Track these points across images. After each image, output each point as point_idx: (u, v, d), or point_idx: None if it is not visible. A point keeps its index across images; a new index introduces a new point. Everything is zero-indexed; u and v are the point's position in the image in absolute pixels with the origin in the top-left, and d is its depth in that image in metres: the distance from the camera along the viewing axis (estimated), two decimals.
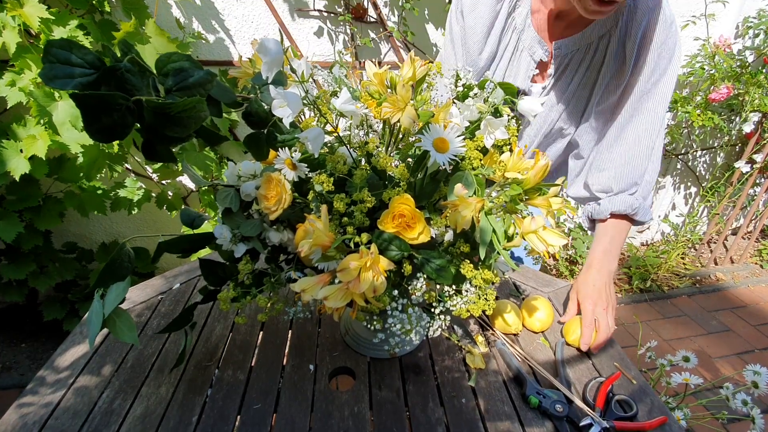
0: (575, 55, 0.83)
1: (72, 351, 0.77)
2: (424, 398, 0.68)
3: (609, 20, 0.77)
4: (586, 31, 0.79)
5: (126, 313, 0.58)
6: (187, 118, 0.41)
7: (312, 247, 0.46)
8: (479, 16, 0.84)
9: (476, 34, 0.85)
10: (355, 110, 0.49)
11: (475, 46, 0.87)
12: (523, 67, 0.87)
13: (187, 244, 0.65)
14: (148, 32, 1.17)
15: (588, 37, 0.80)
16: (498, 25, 0.85)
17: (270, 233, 0.61)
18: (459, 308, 0.54)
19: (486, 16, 0.84)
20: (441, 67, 0.58)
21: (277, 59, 0.40)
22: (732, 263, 2.54)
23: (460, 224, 0.47)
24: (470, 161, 0.51)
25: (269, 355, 0.76)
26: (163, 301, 0.91)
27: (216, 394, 0.69)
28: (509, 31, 0.85)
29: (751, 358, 1.83)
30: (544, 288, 0.96)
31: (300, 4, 1.64)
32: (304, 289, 0.46)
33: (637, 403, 0.68)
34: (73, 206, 1.35)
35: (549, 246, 0.46)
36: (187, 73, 0.42)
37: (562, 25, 0.82)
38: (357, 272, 0.44)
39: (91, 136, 0.39)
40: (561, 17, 0.81)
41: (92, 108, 0.38)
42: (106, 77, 0.41)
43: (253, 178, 0.60)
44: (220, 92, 0.47)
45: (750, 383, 0.96)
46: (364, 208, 0.48)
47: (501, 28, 0.85)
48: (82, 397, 0.68)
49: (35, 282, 1.55)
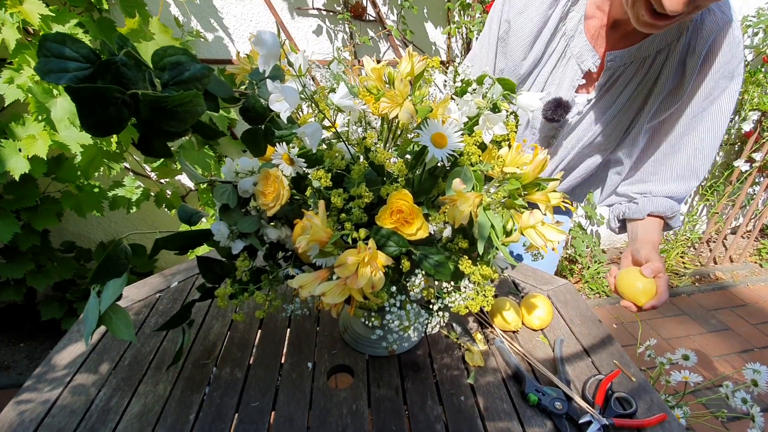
0: (628, 68, 0.78)
1: (69, 349, 0.77)
2: (422, 396, 0.68)
3: (670, 34, 0.72)
4: (644, 43, 0.74)
5: (123, 310, 0.57)
6: (184, 113, 0.41)
7: (309, 243, 0.45)
8: (529, 19, 0.78)
9: (522, 37, 0.80)
10: (352, 105, 0.49)
11: (519, 50, 0.81)
12: (569, 75, 0.82)
13: (184, 241, 0.64)
14: (151, 29, 1.16)
15: (645, 50, 0.75)
16: (547, 31, 0.79)
17: (268, 230, 0.61)
18: (458, 305, 0.54)
19: (536, 20, 0.78)
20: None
21: (274, 52, 0.39)
22: (731, 262, 2.54)
23: (458, 219, 0.47)
24: (468, 157, 0.51)
25: (267, 353, 0.76)
26: (161, 299, 0.90)
27: (214, 391, 0.68)
28: (558, 36, 0.80)
29: (751, 356, 1.83)
30: (543, 286, 0.96)
31: (299, 3, 1.64)
32: (302, 285, 0.46)
33: (637, 400, 0.68)
34: (71, 207, 1.34)
35: (548, 241, 0.46)
36: (184, 67, 0.41)
37: (617, 35, 0.76)
38: (355, 268, 0.44)
39: (87, 129, 0.39)
40: (617, 27, 0.75)
41: (87, 101, 0.38)
42: (102, 71, 0.40)
43: (250, 174, 0.60)
44: (217, 87, 0.47)
45: (750, 382, 0.96)
46: (362, 203, 0.48)
47: (550, 34, 0.79)
48: (79, 395, 0.68)
49: (33, 281, 1.55)
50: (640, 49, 0.75)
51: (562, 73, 0.82)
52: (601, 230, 2.52)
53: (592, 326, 0.85)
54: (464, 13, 1.72)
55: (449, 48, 1.87)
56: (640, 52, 0.75)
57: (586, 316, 0.87)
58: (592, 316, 0.87)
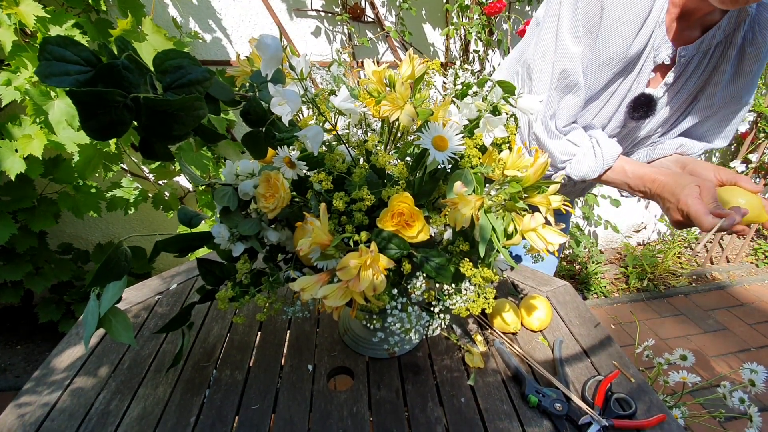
0: (691, 62, 0.78)
1: (68, 352, 0.77)
2: (423, 398, 0.68)
3: (729, 26, 0.73)
4: (706, 36, 0.74)
5: (122, 313, 0.57)
6: (186, 116, 0.40)
7: (311, 246, 0.45)
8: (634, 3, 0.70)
9: (623, 25, 0.71)
10: (354, 108, 0.49)
11: (620, 40, 0.72)
12: (645, 70, 0.79)
13: (184, 244, 0.64)
14: (145, 30, 1.16)
15: (708, 43, 0.75)
16: (651, 20, 0.72)
17: (268, 232, 0.61)
18: (458, 307, 0.54)
19: (642, 4, 0.70)
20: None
21: (276, 56, 0.39)
22: (728, 262, 2.56)
23: (459, 222, 0.47)
24: (469, 159, 0.51)
25: (267, 355, 0.76)
26: (160, 301, 0.90)
27: (214, 394, 0.68)
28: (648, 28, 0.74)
29: (748, 356, 1.84)
30: (542, 287, 0.96)
31: (297, 4, 1.64)
32: (304, 288, 0.46)
33: (636, 401, 0.68)
34: (68, 207, 1.34)
35: (549, 244, 0.46)
36: (185, 71, 0.41)
37: (682, 26, 0.75)
38: (357, 271, 0.44)
39: (88, 133, 0.38)
40: (684, 18, 0.74)
41: (89, 105, 0.38)
42: (103, 74, 0.40)
43: (251, 176, 0.60)
44: (219, 90, 0.47)
45: (747, 381, 0.97)
46: (363, 206, 0.48)
47: (654, 23, 0.73)
48: (78, 398, 0.68)
49: (30, 283, 1.54)
50: (702, 43, 0.75)
51: (641, 67, 0.79)
52: (598, 231, 2.53)
53: (591, 327, 0.85)
54: (463, 14, 1.73)
55: (447, 49, 1.87)
56: (702, 45, 0.75)
57: (585, 317, 0.87)
58: (591, 318, 0.88)
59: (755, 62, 0.76)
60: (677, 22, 0.74)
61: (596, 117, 0.86)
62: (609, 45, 0.73)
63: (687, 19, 0.74)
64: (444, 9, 1.76)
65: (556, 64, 0.77)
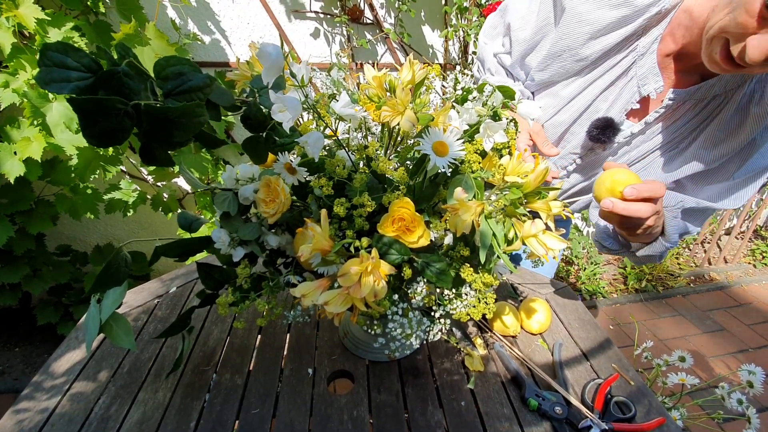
0: (681, 107, 0.72)
1: (68, 356, 0.77)
2: (423, 401, 0.68)
3: (733, 81, 0.67)
4: (703, 85, 0.68)
5: (123, 318, 0.57)
6: (186, 123, 0.40)
7: (312, 252, 0.45)
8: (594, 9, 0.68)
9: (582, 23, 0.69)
10: (354, 114, 0.49)
11: (575, 37, 0.71)
12: (625, 96, 0.74)
13: (184, 248, 0.64)
14: (147, 34, 1.16)
15: (704, 92, 0.69)
16: (624, 32, 0.69)
17: (268, 237, 0.61)
18: (459, 312, 0.54)
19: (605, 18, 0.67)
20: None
21: (278, 64, 0.39)
22: (726, 263, 2.57)
23: (460, 228, 0.47)
24: (469, 164, 0.51)
25: (267, 358, 0.76)
26: (160, 304, 0.90)
27: (214, 398, 0.68)
28: (628, 49, 0.71)
29: (746, 356, 1.85)
30: (542, 289, 0.97)
31: (296, 6, 1.64)
32: (304, 294, 0.46)
33: (636, 404, 0.68)
34: (65, 209, 1.33)
35: (549, 250, 0.46)
36: (186, 77, 0.41)
37: (679, 67, 0.70)
38: (358, 277, 0.44)
39: (89, 141, 0.38)
40: (681, 59, 0.69)
41: (90, 113, 0.38)
42: (104, 81, 0.40)
43: (251, 181, 0.60)
44: (219, 96, 0.47)
45: (745, 383, 0.97)
46: (364, 212, 0.48)
47: (622, 38, 0.69)
48: (78, 402, 0.68)
49: (28, 285, 1.53)
50: (698, 91, 0.69)
51: (619, 92, 0.74)
52: None
53: (591, 330, 0.85)
54: (462, 16, 1.73)
55: (446, 51, 1.87)
56: (698, 93, 0.69)
57: (585, 320, 0.88)
58: (591, 320, 0.88)
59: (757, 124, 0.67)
60: (675, 62, 0.70)
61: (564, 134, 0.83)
62: (565, 36, 0.72)
63: (685, 61, 0.69)
64: (443, 11, 1.76)
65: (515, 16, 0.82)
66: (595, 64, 0.74)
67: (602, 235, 0.81)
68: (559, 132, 0.83)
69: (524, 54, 0.82)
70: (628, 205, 0.56)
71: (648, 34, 0.69)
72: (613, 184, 0.56)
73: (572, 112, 0.79)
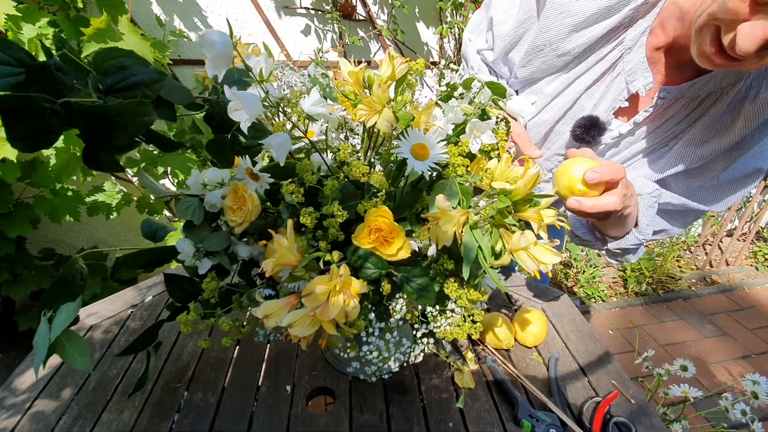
0: (673, 105, 0.67)
1: (32, 371, 0.72)
2: (408, 422, 0.63)
3: (727, 78, 0.62)
4: (697, 82, 0.63)
5: (77, 337, 0.52)
6: (128, 123, 0.36)
7: (274, 267, 0.40)
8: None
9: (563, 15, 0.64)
10: (325, 113, 0.44)
11: (556, 30, 0.66)
12: (612, 93, 0.68)
13: (149, 258, 0.60)
14: (121, 29, 1.11)
15: (698, 89, 0.64)
16: (608, 23, 0.63)
17: (239, 247, 0.56)
18: (443, 330, 0.50)
19: (587, 8, 0.62)
20: None
21: (224, 54, 0.35)
22: (727, 265, 2.52)
23: (441, 240, 0.43)
24: (454, 168, 0.46)
25: (244, 373, 0.71)
26: (134, 315, 0.85)
27: (183, 419, 0.63)
28: (615, 42, 0.66)
29: (749, 363, 1.80)
30: (537, 298, 0.92)
31: (286, 1, 1.59)
32: (267, 314, 0.41)
33: (636, 425, 0.64)
34: (45, 212, 1.28)
35: (541, 264, 0.41)
36: (129, 72, 0.37)
37: (671, 62, 0.65)
38: (325, 297, 0.39)
39: (14, 144, 0.34)
40: (672, 53, 0.64)
41: (14, 112, 0.33)
42: (36, 76, 0.36)
43: (219, 186, 0.55)
44: (174, 93, 0.42)
45: (750, 394, 0.93)
46: (335, 222, 0.43)
47: (606, 31, 0.64)
48: (38, 423, 0.63)
49: (9, 290, 1.48)
50: (691, 88, 0.63)
51: (606, 89, 0.69)
52: None
53: (589, 342, 0.80)
54: (457, 12, 1.68)
55: (441, 48, 1.82)
56: (691, 90, 0.64)
57: (583, 331, 0.83)
58: (589, 331, 0.83)
59: (751, 122, 0.62)
60: (666, 56, 0.65)
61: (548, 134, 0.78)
62: (547, 29, 0.67)
63: (677, 55, 0.63)
64: (437, 7, 1.71)
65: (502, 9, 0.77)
66: (579, 59, 0.69)
67: (575, 223, 0.76)
68: (543, 132, 0.78)
69: (507, 49, 0.77)
70: (596, 201, 0.51)
71: (635, 26, 0.64)
72: (570, 181, 0.51)
73: (556, 110, 0.73)
